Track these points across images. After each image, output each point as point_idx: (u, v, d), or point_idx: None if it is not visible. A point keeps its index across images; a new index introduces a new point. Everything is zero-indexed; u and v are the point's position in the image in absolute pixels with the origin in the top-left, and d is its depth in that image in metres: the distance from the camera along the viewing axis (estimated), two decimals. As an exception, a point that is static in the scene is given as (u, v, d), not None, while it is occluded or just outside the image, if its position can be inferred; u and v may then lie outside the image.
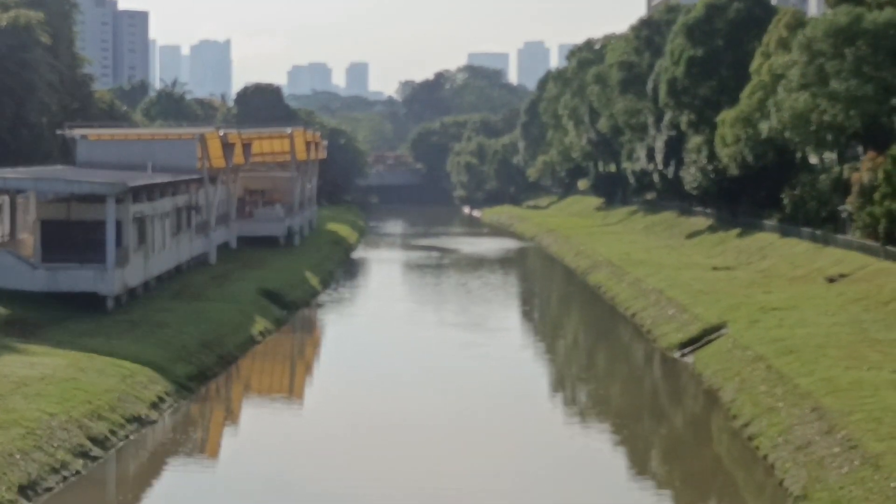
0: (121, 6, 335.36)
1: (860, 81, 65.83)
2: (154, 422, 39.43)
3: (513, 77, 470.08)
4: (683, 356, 52.42)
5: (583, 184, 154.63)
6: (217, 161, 79.91)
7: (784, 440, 35.02)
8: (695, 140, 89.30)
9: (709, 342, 51.74)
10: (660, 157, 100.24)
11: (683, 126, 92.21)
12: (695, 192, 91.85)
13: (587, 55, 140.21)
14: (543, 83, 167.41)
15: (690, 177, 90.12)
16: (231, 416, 44.40)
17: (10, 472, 30.38)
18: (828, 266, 62.91)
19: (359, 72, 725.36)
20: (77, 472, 32.90)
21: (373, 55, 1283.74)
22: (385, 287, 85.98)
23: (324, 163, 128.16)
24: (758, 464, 35.29)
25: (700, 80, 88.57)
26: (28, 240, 61.44)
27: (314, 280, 77.93)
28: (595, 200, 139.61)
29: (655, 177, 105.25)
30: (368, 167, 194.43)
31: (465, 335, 61.31)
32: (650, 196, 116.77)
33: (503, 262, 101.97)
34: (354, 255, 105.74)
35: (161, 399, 41.35)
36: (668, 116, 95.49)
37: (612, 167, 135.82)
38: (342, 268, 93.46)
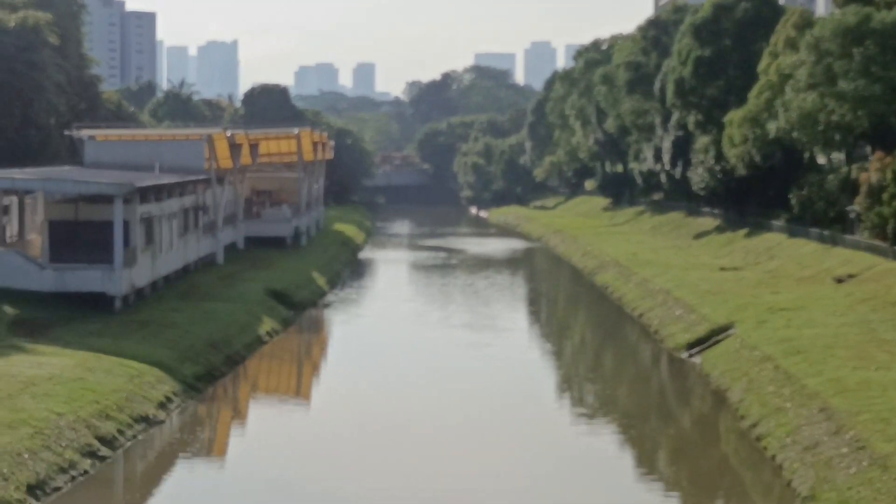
0: (128, 7, 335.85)
1: (868, 81, 65.78)
2: (162, 422, 39.48)
3: (520, 77, 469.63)
4: (691, 356, 52.39)
5: (590, 184, 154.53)
6: (224, 161, 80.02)
7: (792, 441, 34.99)
8: (702, 140, 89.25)
9: (716, 342, 51.70)
10: (667, 158, 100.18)
11: (691, 126, 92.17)
12: (702, 193, 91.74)
13: (594, 55, 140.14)
14: (550, 83, 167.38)
15: (698, 177, 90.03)
16: (238, 417, 44.44)
17: (19, 472, 30.44)
18: (836, 266, 62.84)
19: (366, 72, 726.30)
20: (85, 472, 32.96)
21: (379, 56, 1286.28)
22: (392, 287, 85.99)
23: (331, 163, 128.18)
24: (766, 464, 35.26)
25: (707, 81, 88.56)
26: (36, 240, 61.53)
27: (321, 280, 77.96)
28: (602, 201, 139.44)
29: (663, 177, 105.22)
30: (375, 168, 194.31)
31: (472, 335, 61.29)
32: (657, 196, 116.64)
33: (510, 263, 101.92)
34: (361, 256, 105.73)
35: (169, 399, 41.41)
36: (676, 117, 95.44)
37: (620, 167, 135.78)
38: (349, 268, 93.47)
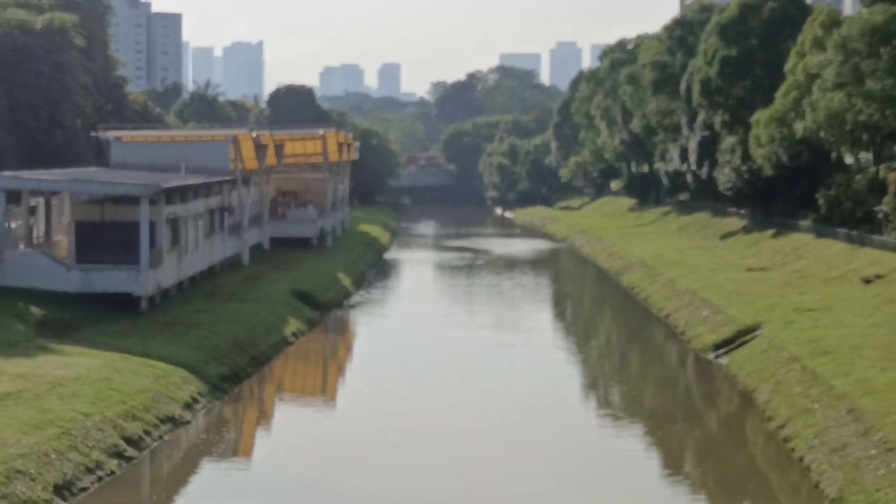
0: (154, 8, 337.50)
1: (896, 81, 65.44)
2: (188, 422, 39.55)
3: (545, 77, 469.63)
4: (717, 357, 52.19)
5: (615, 184, 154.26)
6: (250, 162, 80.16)
7: (820, 442, 34.80)
8: (729, 140, 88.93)
9: (743, 343, 51.49)
10: (693, 158, 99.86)
11: (717, 126, 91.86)
12: (729, 193, 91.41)
13: (620, 55, 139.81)
14: (576, 83, 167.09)
15: (724, 177, 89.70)
16: (264, 417, 44.48)
17: (46, 472, 30.53)
18: (863, 267, 62.48)
19: (391, 73, 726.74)
20: (112, 473, 33.03)
21: (405, 56, 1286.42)
22: (417, 288, 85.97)
23: (356, 164, 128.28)
24: (793, 466, 35.07)
25: (734, 80, 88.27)
26: (62, 241, 61.73)
27: (346, 281, 78.00)
28: (628, 201, 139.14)
29: (689, 177, 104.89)
30: (400, 168, 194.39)
31: (498, 336, 61.21)
32: (683, 197, 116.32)
33: (535, 264, 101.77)
34: (387, 256, 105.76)
35: (195, 399, 41.48)
36: (702, 116, 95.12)
37: (645, 168, 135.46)
38: (374, 269, 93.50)
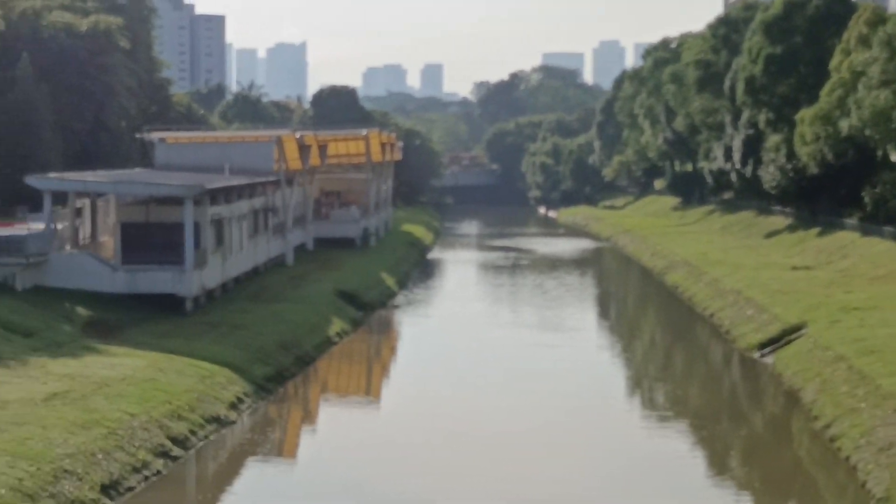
0: (198, 10, 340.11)
1: (942, 77, 64.87)
2: (233, 422, 39.72)
3: (588, 77, 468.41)
4: (763, 357, 51.91)
5: (659, 183, 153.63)
6: (293, 163, 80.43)
7: (866, 441, 34.54)
8: (773, 139, 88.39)
9: (788, 342, 51.18)
10: (737, 156, 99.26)
11: (761, 124, 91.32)
12: (773, 192, 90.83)
13: (663, 54, 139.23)
14: (619, 82, 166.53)
15: (769, 176, 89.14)
16: (309, 418, 44.62)
17: (93, 472, 30.76)
18: (910, 265, 61.99)
19: (433, 73, 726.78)
20: (158, 472, 33.24)
21: (447, 56, 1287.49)
22: (461, 288, 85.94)
23: (399, 164, 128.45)
24: (839, 465, 34.84)
25: (778, 78, 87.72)
26: (108, 242, 62.18)
27: (390, 281, 78.11)
28: (672, 200, 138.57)
29: (733, 176, 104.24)
30: (443, 168, 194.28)
31: (542, 336, 61.14)
32: (727, 195, 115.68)
33: (579, 263, 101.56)
34: (430, 256, 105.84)
35: (239, 399, 41.66)
36: (746, 115, 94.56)
37: (689, 167, 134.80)
38: (418, 269, 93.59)
